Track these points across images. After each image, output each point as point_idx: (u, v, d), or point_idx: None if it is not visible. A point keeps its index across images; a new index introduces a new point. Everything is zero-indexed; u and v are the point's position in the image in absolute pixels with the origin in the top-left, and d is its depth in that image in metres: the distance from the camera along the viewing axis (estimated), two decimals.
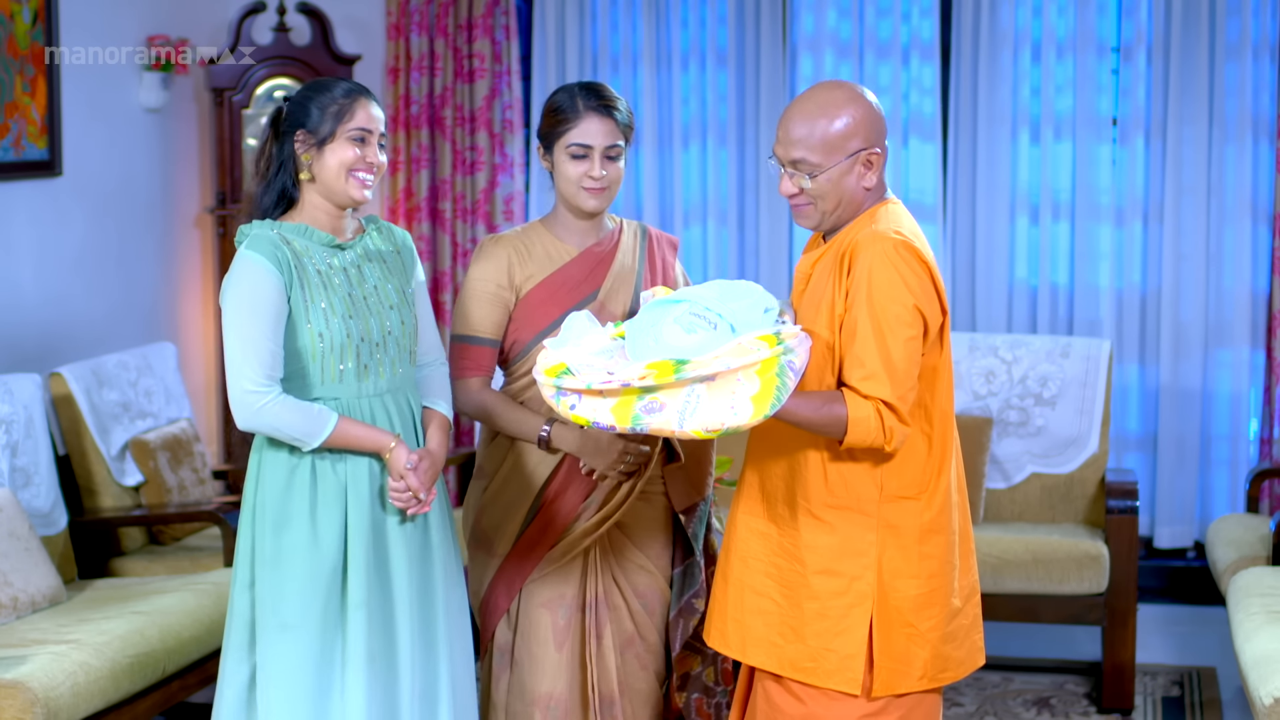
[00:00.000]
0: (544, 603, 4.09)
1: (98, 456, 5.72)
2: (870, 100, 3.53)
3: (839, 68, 6.93)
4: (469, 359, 4.07)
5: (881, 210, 3.54)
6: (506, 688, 4.13)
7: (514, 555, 4.09)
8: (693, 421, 3.31)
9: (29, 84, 5.95)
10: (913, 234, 3.50)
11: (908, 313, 3.41)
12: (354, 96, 3.78)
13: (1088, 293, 6.82)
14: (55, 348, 6.06)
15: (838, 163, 3.48)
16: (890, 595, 3.50)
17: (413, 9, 7.07)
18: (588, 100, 4.01)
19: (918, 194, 6.94)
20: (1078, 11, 6.73)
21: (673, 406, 3.33)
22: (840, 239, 3.53)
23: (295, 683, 3.71)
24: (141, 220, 6.63)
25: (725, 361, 3.31)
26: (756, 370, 3.32)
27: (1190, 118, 6.68)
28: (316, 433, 3.69)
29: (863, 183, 3.51)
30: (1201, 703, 5.77)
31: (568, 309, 4.02)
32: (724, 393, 3.32)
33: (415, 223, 7.15)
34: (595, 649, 4.10)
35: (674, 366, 3.32)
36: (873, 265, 3.42)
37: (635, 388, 3.34)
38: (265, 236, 3.71)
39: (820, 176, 3.49)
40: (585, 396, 3.39)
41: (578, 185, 4.02)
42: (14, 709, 4.39)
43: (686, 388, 3.33)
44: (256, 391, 3.64)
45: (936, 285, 3.49)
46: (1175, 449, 6.80)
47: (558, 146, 4.02)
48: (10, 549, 5.04)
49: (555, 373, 3.43)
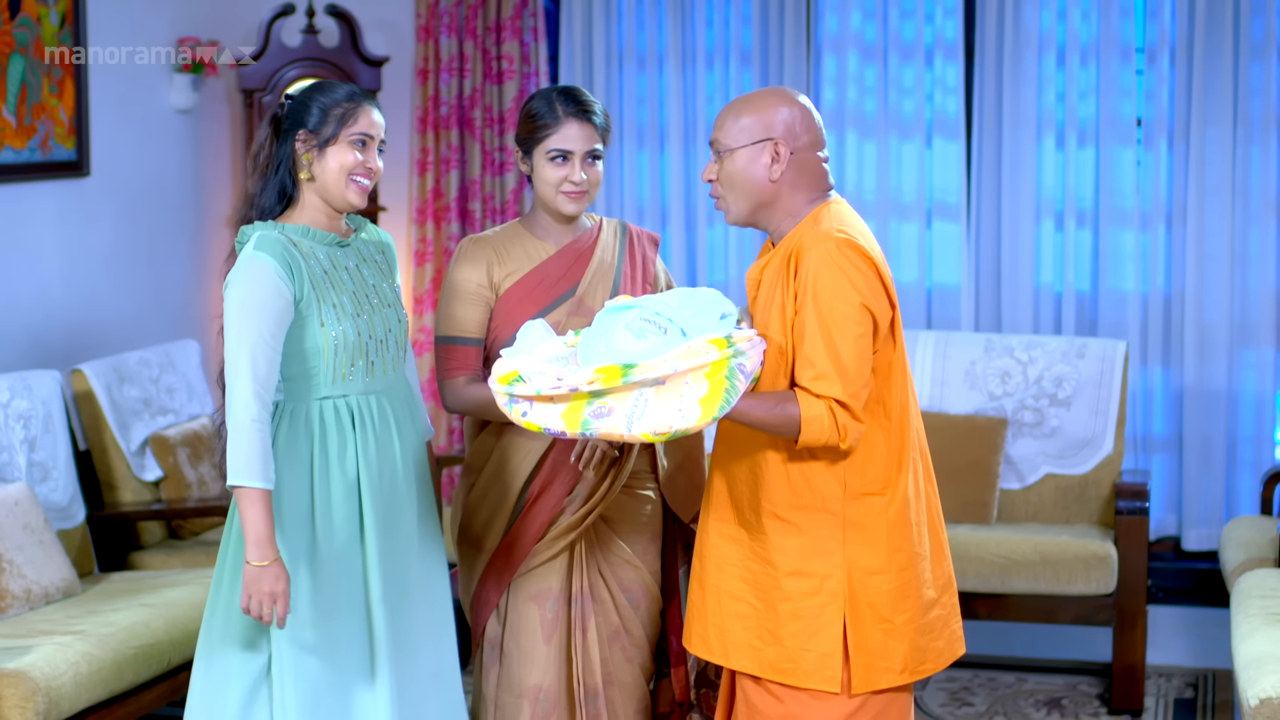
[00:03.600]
0: (531, 596, 4.14)
1: (117, 452, 5.83)
2: (802, 104, 3.59)
3: (863, 68, 6.94)
4: (455, 359, 4.12)
5: (824, 210, 3.57)
6: (496, 681, 4.18)
7: (501, 550, 4.14)
8: (641, 425, 3.35)
9: (56, 85, 6.06)
10: (857, 231, 3.53)
11: (855, 311, 3.44)
12: (358, 101, 3.82)
13: (1111, 296, 6.80)
14: (84, 345, 6.17)
15: (743, 145, 3.54)
16: (862, 592, 3.52)
17: (442, 11, 7.14)
18: (566, 106, 4.05)
19: (941, 193, 6.95)
20: (1101, 15, 6.71)
21: (621, 411, 3.36)
22: (787, 242, 3.56)
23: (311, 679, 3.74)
24: (172, 220, 6.73)
25: (672, 365, 3.34)
26: (705, 373, 3.36)
27: (1214, 119, 6.65)
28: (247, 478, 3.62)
29: (769, 174, 3.55)
30: (1214, 705, 5.75)
31: (545, 306, 4.07)
32: (672, 396, 3.35)
33: (445, 222, 7.22)
34: (580, 641, 4.15)
35: (621, 371, 3.35)
36: (818, 266, 3.45)
37: (584, 393, 3.37)
38: (273, 239, 3.72)
39: (728, 160, 3.56)
40: (536, 403, 3.43)
41: (557, 190, 4.06)
42: (16, 697, 4.49)
43: (634, 392, 3.36)
44: (249, 405, 3.63)
45: (884, 281, 3.51)
46: (1200, 451, 6.77)
47: (537, 152, 4.06)
48: (25, 541, 5.14)
49: (507, 380, 3.48)
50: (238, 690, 3.76)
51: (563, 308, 4.09)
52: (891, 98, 6.93)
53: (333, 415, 3.79)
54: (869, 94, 6.96)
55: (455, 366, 4.12)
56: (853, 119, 6.97)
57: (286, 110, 3.84)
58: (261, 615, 3.65)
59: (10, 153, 5.85)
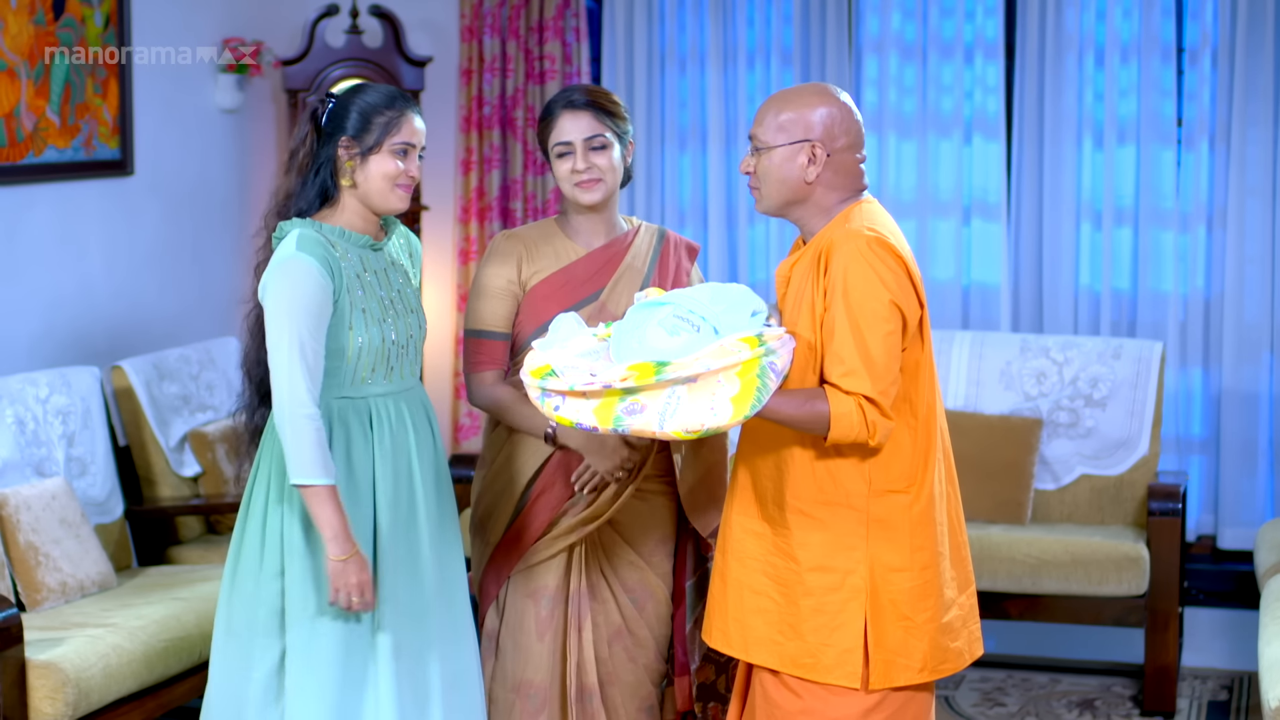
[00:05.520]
0: (529, 593, 4.19)
1: (156, 448, 5.90)
2: (844, 102, 3.59)
3: (903, 68, 6.94)
4: (482, 353, 4.16)
5: (856, 210, 3.58)
6: (491, 674, 4.23)
7: (503, 544, 4.20)
8: (673, 422, 3.37)
9: (100, 85, 6.14)
10: (888, 230, 3.54)
11: (884, 308, 3.45)
12: (400, 109, 3.81)
13: (1151, 297, 6.77)
14: (128, 342, 6.25)
15: (781, 144, 3.56)
16: (884, 588, 3.54)
17: (485, 11, 7.19)
18: (559, 100, 4.14)
19: (980, 192, 6.94)
20: (1142, 14, 6.69)
21: (653, 408, 3.38)
22: (818, 240, 3.58)
23: (325, 673, 3.78)
24: (216, 219, 6.80)
25: (705, 363, 3.36)
26: (737, 372, 3.38)
27: (1256, 119, 6.61)
28: (312, 476, 3.68)
29: (805, 175, 3.56)
30: (1248, 707, 5.73)
31: (569, 307, 4.10)
32: (704, 394, 3.37)
33: (487, 221, 7.26)
34: (576, 640, 4.19)
35: (655, 368, 3.37)
36: (848, 263, 3.47)
37: (617, 389, 3.40)
38: (313, 238, 3.75)
39: (765, 156, 3.58)
40: (569, 398, 3.45)
41: (570, 182, 4.13)
42: (47, 688, 4.56)
43: (667, 389, 3.38)
44: (304, 403, 3.67)
45: (913, 280, 3.52)
46: (1239, 452, 6.73)
47: (550, 152, 4.15)
48: (61, 535, 5.21)
49: (540, 374, 3.50)
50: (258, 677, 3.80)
51: (585, 311, 4.11)
52: (931, 96, 6.93)
53: (351, 414, 3.82)
54: (909, 93, 6.96)
55: (483, 361, 4.16)
56: (893, 118, 6.97)
57: (328, 112, 3.84)
58: (350, 606, 3.72)
59: (54, 151, 5.93)
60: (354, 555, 3.71)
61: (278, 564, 3.83)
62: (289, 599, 3.81)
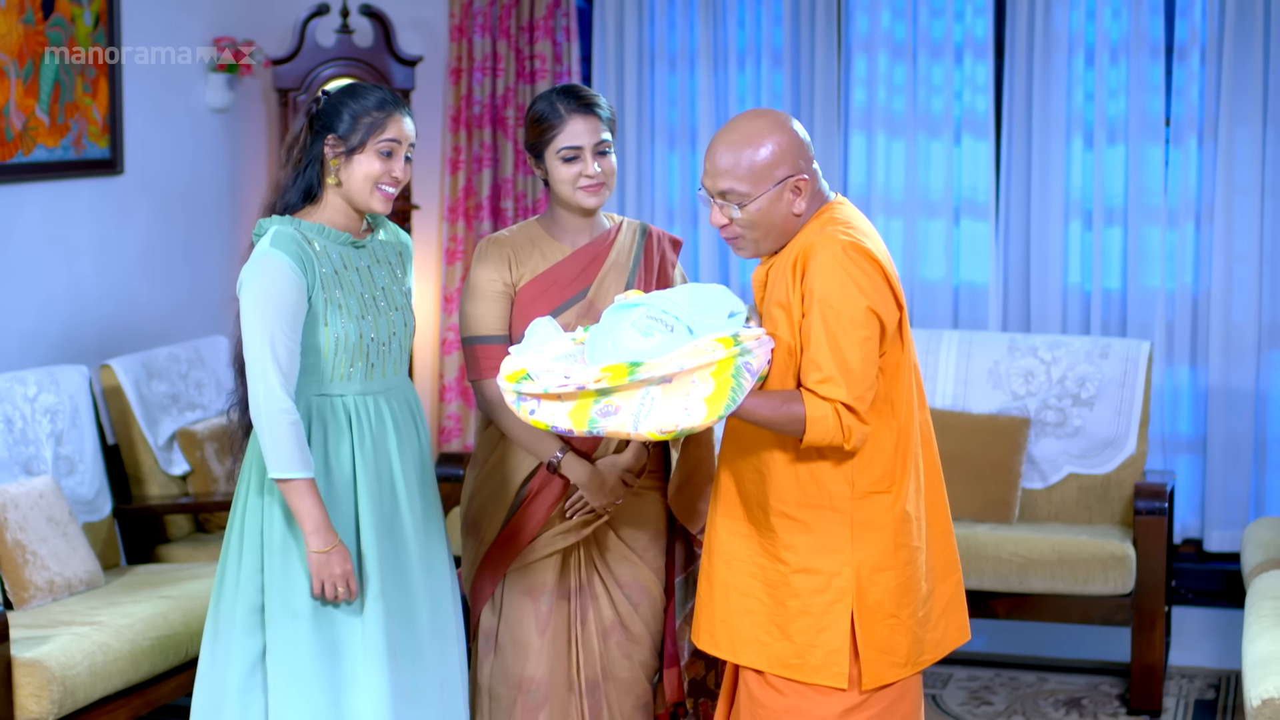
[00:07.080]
0: (527, 590, 4.19)
1: (145, 446, 5.91)
2: (794, 127, 3.57)
3: (893, 67, 6.95)
4: (486, 358, 4.12)
5: (829, 212, 3.58)
6: (490, 671, 4.23)
7: (499, 544, 4.19)
8: (647, 423, 3.37)
9: (90, 85, 6.15)
10: (863, 233, 3.54)
11: (861, 314, 3.45)
12: (388, 110, 3.83)
13: (1140, 295, 6.77)
14: (118, 342, 6.26)
15: (765, 191, 3.53)
16: (869, 589, 3.55)
17: (475, 11, 7.19)
18: (568, 103, 4.08)
19: (970, 191, 6.95)
20: (1131, 13, 6.69)
21: (628, 409, 3.38)
22: (793, 243, 3.57)
23: (306, 670, 3.78)
24: (207, 219, 6.81)
25: (679, 363, 3.36)
26: (712, 372, 3.37)
27: (1244, 117, 6.61)
28: (289, 470, 3.70)
29: (792, 209, 3.55)
30: (1234, 706, 5.74)
31: (557, 307, 4.10)
32: (678, 394, 3.37)
33: (477, 220, 7.27)
34: (580, 634, 4.20)
35: (628, 369, 3.37)
36: (824, 270, 3.46)
37: (591, 391, 3.39)
38: (288, 235, 3.77)
39: (750, 206, 3.54)
40: (544, 401, 3.45)
41: (574, 186, 4.09)
42: (32, 686, 4.58)
43: (641, 390, 3.38)
44: (278, 398, 3.70)
45: (890, 283, 3.52)
46: (1227, 452, 6.73)
47: (548, 153, 4.10)
48: (49, 534, 5.22)
49: (516, 378, 3.49)
50: (236, 674, 3.82)
51: (573, 310, 4.12)
52: (920, 96, 6.93)
53: (329, 412, 3.83)
54: (898, 93, 6.97)
55: (487, 366, 4.12)
56: (882, 117, 6.98)
57: (320, 109, 3.87)
58: (335, 597, 3.75)
59: (44, 151, 5.94)
60: (336, 546, 3.73)
61: (258, 560, 3.84)
62: (268, 595, 3.82)
